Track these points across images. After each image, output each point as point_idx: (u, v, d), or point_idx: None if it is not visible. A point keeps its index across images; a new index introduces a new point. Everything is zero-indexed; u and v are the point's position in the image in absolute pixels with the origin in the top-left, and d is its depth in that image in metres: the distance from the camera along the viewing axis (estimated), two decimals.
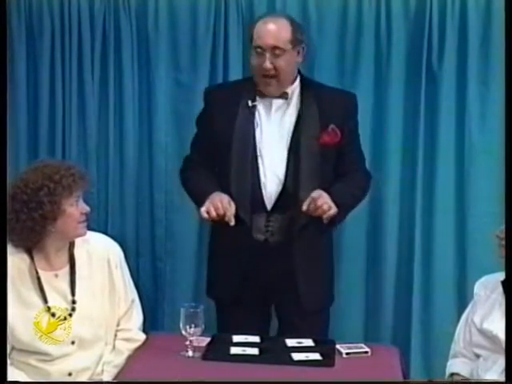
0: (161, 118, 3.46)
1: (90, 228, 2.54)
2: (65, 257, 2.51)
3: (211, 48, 3.38)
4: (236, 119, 2.77)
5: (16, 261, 2.44)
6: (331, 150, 2.78)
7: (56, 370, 2.43)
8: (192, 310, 2.43)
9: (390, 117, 3.35)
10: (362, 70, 3.35)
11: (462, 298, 3.26)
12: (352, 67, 3.35)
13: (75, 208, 2.44)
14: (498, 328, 2.33)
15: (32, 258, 2.46)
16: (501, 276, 2.41)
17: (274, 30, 2.73)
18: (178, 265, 3.51)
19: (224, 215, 2.63)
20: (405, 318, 3.45)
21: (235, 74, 3.35)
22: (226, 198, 2.68)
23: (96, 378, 2.47)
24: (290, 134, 2.77)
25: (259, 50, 2.73)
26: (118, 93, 3.45)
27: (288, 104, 2.80)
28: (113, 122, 3.46)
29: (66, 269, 2.49)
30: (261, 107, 2.80)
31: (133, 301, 2.60)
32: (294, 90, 2.82)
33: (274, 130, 2.78)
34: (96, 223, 2.76)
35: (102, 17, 3.39)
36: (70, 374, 2.44)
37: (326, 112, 2.77)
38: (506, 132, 2.75)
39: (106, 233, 2.86)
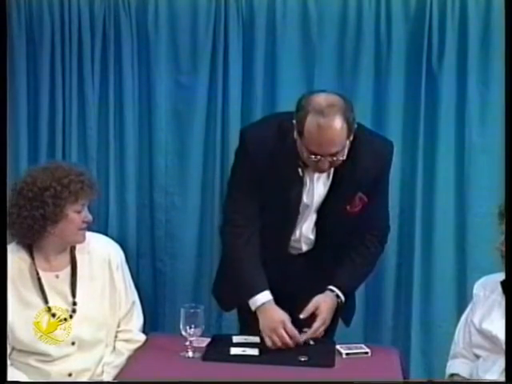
0: (161, 118, 3.46)
1: (90, 229, 2.54)
2: (66, 258, 2.51)
3: (211, 48, 3.38)
4: (284, 184, 2.59)
5: (16, 261, 2.44)
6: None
7: (56, 371, 2.44)
8: (192, 310, 2.44)
9: (390, 117, 3.34)
10: (361, 70, 3.34)
11: (462, 299, 3.25)
12: (352, 67, 3.35)
13: (78, 215, 2.44)
14: (498, 328, 2.33)
15: (33, 259, 2.46)
16: (500, 277, 2.41)
17: (332, 139, 2.38)
18: (178, 265, 3.51)
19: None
20: (405, 318, 3.45)
21: (235, 75, 3.35)
22: (287, 322, 2.55)
23: (96, 379, 2.48)
24: (321, 199, 2.64)
25: (315, 155, 2.43)
26: (118, 93, 3.44)
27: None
28: (113, 122, 3.46)
29: (67, 270, 2.49)
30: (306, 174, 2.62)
31: (133, 302, 2.60)
32: None
33: (312, 194, 2.64)
34: (96, 224, 2.75)
35: (101, 17, 3.39)
36: (70, 375, 2.45)
37: (358, 177, 2.59)
38: (505, 132, 2.75)
39: (106, 234, 2.87)
